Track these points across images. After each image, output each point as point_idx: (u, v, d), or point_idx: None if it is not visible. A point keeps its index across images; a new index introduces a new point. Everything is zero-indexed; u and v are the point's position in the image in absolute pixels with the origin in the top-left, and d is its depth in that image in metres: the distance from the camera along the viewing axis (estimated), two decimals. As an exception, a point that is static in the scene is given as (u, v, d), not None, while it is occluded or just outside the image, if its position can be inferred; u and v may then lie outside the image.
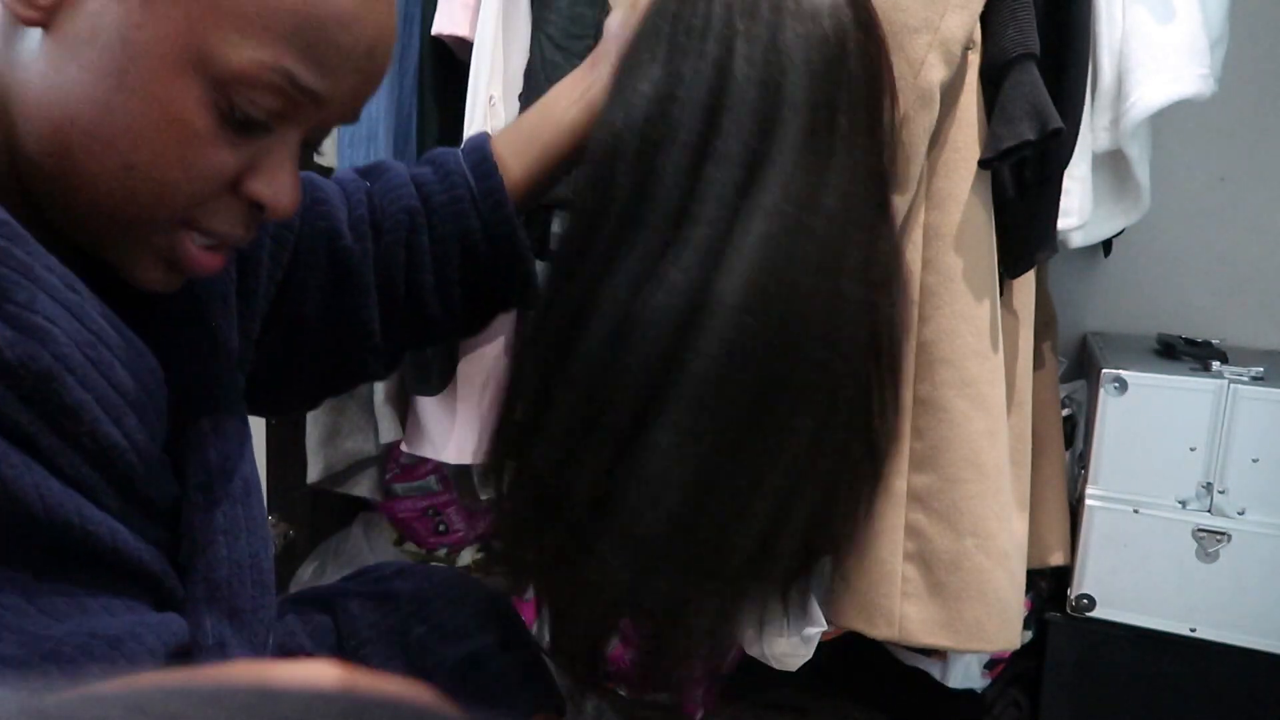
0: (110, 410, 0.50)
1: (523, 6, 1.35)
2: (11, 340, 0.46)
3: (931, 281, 1.12)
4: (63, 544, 0.49)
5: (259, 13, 0.48)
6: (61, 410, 0.48)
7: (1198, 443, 1.25)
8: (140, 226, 0.52)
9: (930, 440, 1.13)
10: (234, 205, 0.54)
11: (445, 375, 1.51)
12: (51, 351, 0.47)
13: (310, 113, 0.53)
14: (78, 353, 0.48)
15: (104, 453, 0.50)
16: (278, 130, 0.53)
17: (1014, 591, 1.15)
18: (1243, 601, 1.25)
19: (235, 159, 0.52)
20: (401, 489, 1.78)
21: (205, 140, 0.50)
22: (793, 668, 1.25)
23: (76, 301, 0.49)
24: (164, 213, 0.52)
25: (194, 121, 0.49)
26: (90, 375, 0.49)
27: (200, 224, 0.53)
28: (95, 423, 0.49)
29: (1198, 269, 1.60)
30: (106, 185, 0.50)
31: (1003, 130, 1.05)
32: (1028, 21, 1.06)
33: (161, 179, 0.50)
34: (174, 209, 0.52)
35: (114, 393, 0.50)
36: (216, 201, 0.53)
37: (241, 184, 0.53)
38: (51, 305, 0.48)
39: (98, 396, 0.49)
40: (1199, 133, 1.54)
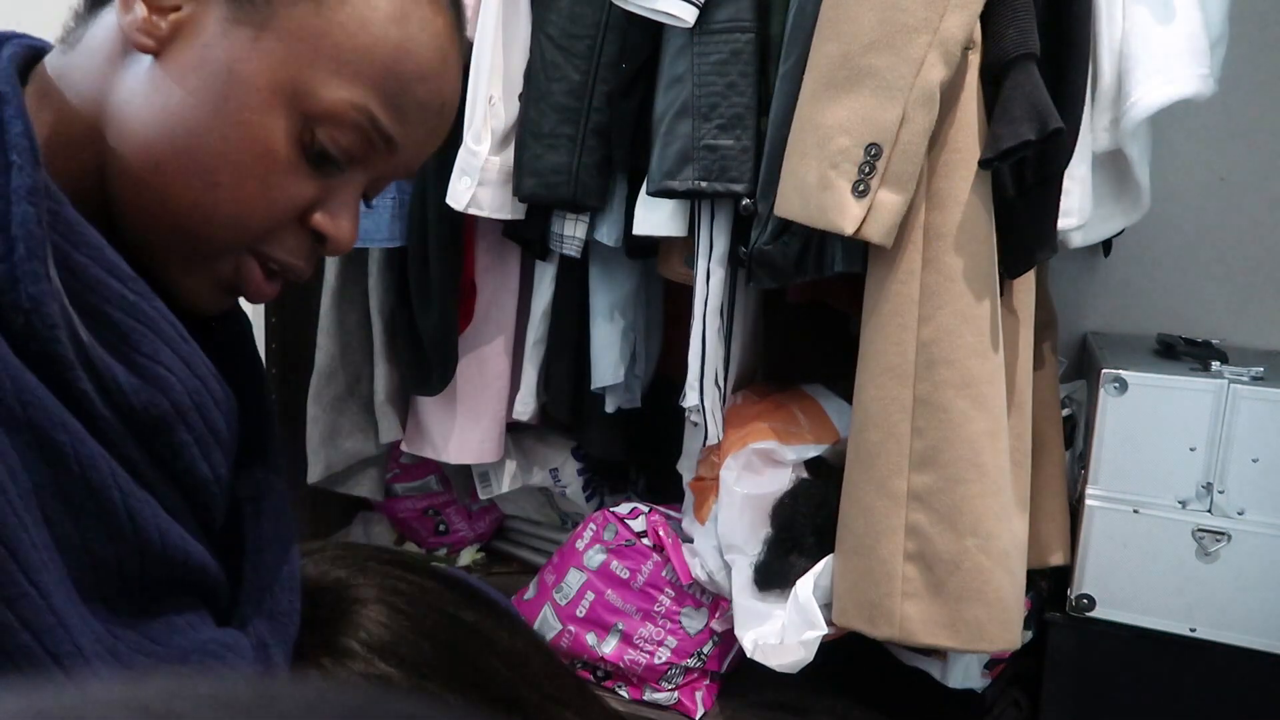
0: (205, 449, 0.54)
1: (523, 6, 1.35)
2: (137, 388, 0.50)
3: (931, 281, 1.12)
4: (168, 571, 0.52)
5: (355, 59, 0.53)
6: (168, 449, 0.52)
7: (1198, 443, 1.25)
8: (215, 247, 0.55)
9: (930, 440, 1.13)
10: (300, 236, 0.57)
11: (445, 376, 1.51)
12: (169, 398, 0.51)
13: (382, 158, 0.57)
14: (188, 399, 0.52)
15: (196, 487, 0.54)
16: (349, 172, 0.57)
17: (1014, 591, 1.15)
18: (1243, 601, 1.25)
19: (309, 192, 0.56)
20: (401, 489, 1.78)
21: (287, 169, 0.54)
22: (794, 670, 1.25)
23: (189, 351, 0.53)
24: (241, 235, 0.55)
25: (279, 150, 0.53)
26: (194, 419, 0.53)
27: (267, 250, 0.56)
28: (193, 460, 0.53)
29: (1198, 269, 1.60)
30: (190, 203, 0.53)
31: (1003, 130, 1.05)
32: (1028, 21, 1.06)
33: (243, 200, 0.53)
34: (250, 232, 0.55)
35: (209, 434, 0.54)
36: (285, 230, 0.56)
37: (309, 217, 0.57)
38: (170, 355, 0.52)
39: (197, 437, 0.53)
40: (1199, 133, 1.54)
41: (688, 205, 1.30)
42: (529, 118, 1.34)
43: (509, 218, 1.39)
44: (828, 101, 1.10)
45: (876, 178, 1.07)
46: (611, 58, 1.31)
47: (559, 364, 1.51)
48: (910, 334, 1.12)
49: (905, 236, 1.11)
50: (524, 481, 1.66)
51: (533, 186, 1.33)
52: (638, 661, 1.43)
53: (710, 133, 1.21)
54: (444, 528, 1.81)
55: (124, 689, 0.20)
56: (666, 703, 1.45)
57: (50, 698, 0.20)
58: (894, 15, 1.06)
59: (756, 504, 1.33)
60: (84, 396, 0.47)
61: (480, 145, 1.34)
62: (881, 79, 1.07)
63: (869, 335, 1.16)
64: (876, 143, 1.07)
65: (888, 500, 1.15)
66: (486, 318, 1.53)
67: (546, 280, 1.50)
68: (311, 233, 0.57)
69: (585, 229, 1.39)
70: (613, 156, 1.33)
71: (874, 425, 1.15)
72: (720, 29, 1.20)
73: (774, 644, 1.26)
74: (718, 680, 1.49)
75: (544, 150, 1.32)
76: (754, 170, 1.22)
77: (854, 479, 1.19)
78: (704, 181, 1.22)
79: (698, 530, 1.42)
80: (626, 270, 1.46)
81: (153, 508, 0.50)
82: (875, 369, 1.15)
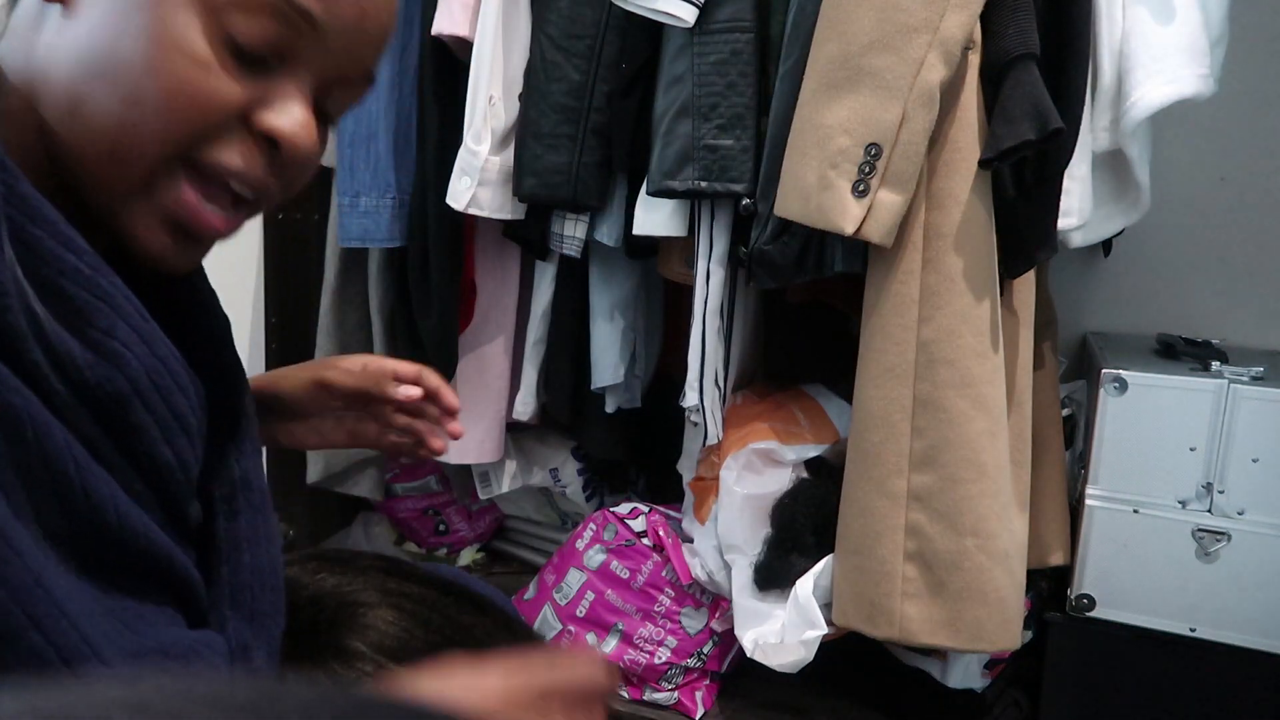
0: (166, 432, 0.53)
1: (523, 6, 1.35)
2: (92, 362, 0.49)
3: (932, 281, 1.12)
4: (127, 556, 0.51)
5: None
6: (126, 429, 0.51)
7: (1198, 443, 1.25)
8: (144, 164, 0.52)
9: (930, 440, 1.13)
10: (247, 143, 0.53)
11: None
12: (125, 375, 0.50)
13: (312, 46, 0.53)
14: (146, 378, 0.51)
15: (157, 471, 0.53)
16: (287, 68, 0.53)
17: (1014, 591, 1.15)
18: (1243, 601, 1.25)
19: (242, 91, 0.52)
20: (401, 489, 1.78)
21: (208, 68, 0.51)
22: (794, 670, 1.25)
23: (149, 330, 0.52)
24: (170, 144, 0.52)
25: (196, 50, 0.50)
26: (154, 399, 0.52)
27: (205, 158, 0.53)
28: (153, 444, 0.52)
29: (1198, 269, 1.60)
30: (116, 123, 0.51)
31: (1003, 130, 1.05)
32: (1028, 21, 1.06)
33: (166, 106, 0.51)
34: (179, 139, 0.52)
35: (171, 416, 0.53)
36: (223, 136, 0.53)
37: (252, 118, 0.53)
38: (128, 332, 0.51)
39: (158, 419, 0.52)
40: (1199, 133, 1.55)
41: (688, 205, 1.30)
42: (529, 118, 1.34)
43: (509, 218, 1.39)
44: (828, 101, 1.10)
45: (876, 178, 1.07)
46: (611, 58, 1.31)
47: (559, 364, 1.51)
48: (910, 334, 1.12)
49: (905, 236, 1.11)
50: (524, 481, 1.66)
51: (533, 186, 1.33)
52: (638, 661, 1.43)
53: (710, 133, 1.21)
54: (444, 528, 1.81)
55: (123, 689, 0.20)
56: (666, 703, 1.45)
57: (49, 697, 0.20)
58: (894, 15, 1.06)
59: (756, 504, 1.33)
60: (36, 369, 0.46)
61: (480, 145, 1.34)
62: (881, 79, 1.07)
63: (869, 335, 1.16)
64: (876, 143, 1.07)
65: (888, 500, 1.15)
66: (486, 318, 1.53)
67: (546, 280, 1.50)
68: (265, 140, 0.53)
69: (585, 229, 1.39)
70: (613, 156, 1.33)
71: (874, 425, 1.15)
72: (720, 29, 1.20)
73: (774, 644, 1.26)
74: (718, 680, 1.49)
75: (544, 150, 1.32)
76: (754, 170, 1.22)
77: (854, 479, 1.19)
78: (704, 181, 1.22)
79: (698, 530, 1.42)
80: (626, 270, 1.46)
81: (111, 487, 0.49)
82: (875, 369, 1.15)
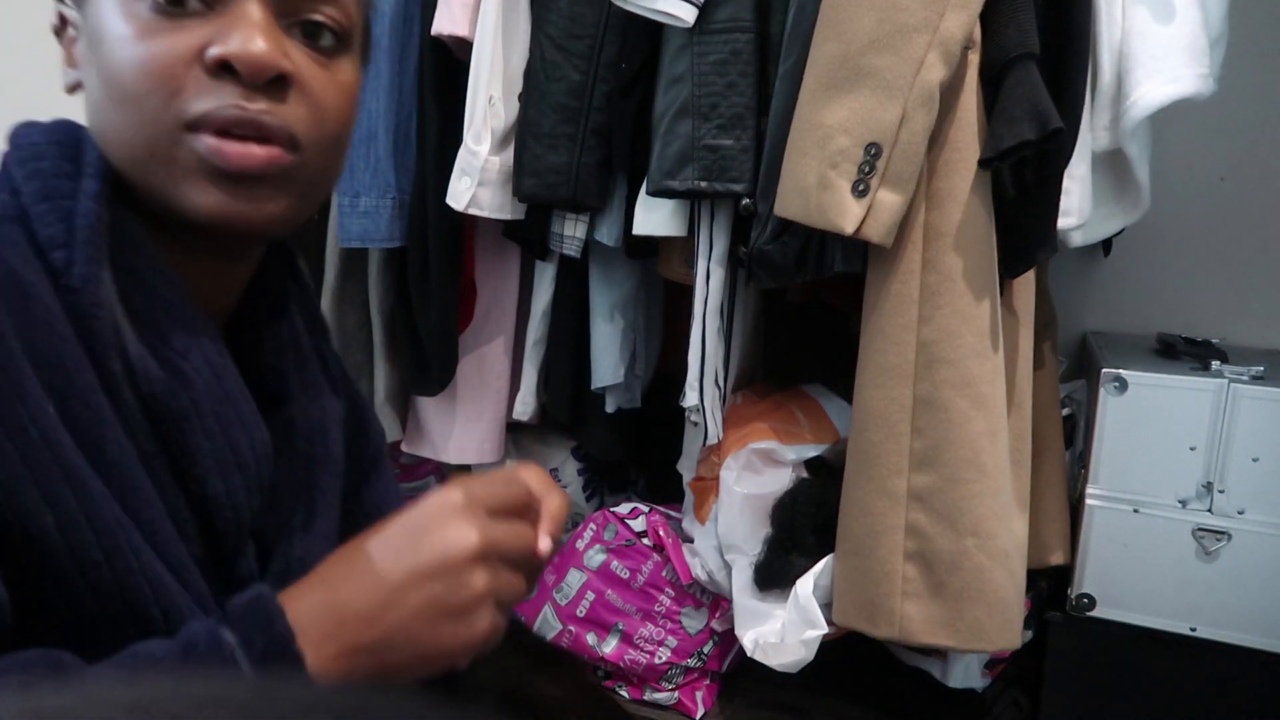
0: (220, 464, 0.56)
1: (523, 6, 1.35)
2: (161, 378, 0.53)
3: (932, 281, 1.12)
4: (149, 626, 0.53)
5: None
6: (181, 450, 0.54)
7: (1198, 442, 1.25)
8: (156, 146, 0.55)
9: (930, 440, 1.13)
10: (210, 82, 0.55)
11: (445, 376, 1.51)
12: (190, 395, 0.54)
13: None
14: (209, 404, 0.55)
15: (204, 500, 0.55)
16: (222, 3, 0.55)
17: (1014, 591, 1.15)
18: (1243, 601, 1.25)
19: (187, 39, 0.54)
20: (402, 489, 1.78)
21: (147, 34, 0.54)
22: (794, 669, 1.25)
23: (221, 364, 0.57)
24: (157, 119, 0.54)
25: (131, 27, 0.54)
26: (212, 427, 0.55)
27: (192, 115, 0.55)
28: (205, 471, 0.55)
29: (1198, 269, 1.60)
30: (119, 133, 0.56)
31: (1003, 130, 1.05)
32: (1028, 21, 1.06)
33: (134, 88, 0.54)
34: (160, 106, 0.54)
35: (228, 450, 0.56)
36: (193, 85, 0.55)
37: (203, 57, 0.55)
38: (200, 359, 0.56)
39: (213, 448, 0.55)
40: (1199, 133, 1.54)
41: (687, 205, 1.30)
42: (529, 118, 1.34)
43: (509, 218, 1.39)
44: (827, 101, 1.10)
45: (876, 177, 1.07)
46: (611, 58, 1.31)
47: (559, 364, 1.51)
48: (910, 334, 1.12)
49: (905, 236, 1.11)
50: (524, 481, 1.66)
51: (533, 186, 1.33)
52: (638, 661, 1.43)
53: (710, 133, 1.21)
54: (444, 528, 1.81)
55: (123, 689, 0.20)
56: (667, 703, 1.45)
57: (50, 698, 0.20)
58: (894, 15, 1.06)
59: (756, 504, 1.33)
60: (113, 377, 0.52)
61: (480, 145, 1.34)
62: (881, 79, 1.07)
63: (869, 335, 1.16)
64: (876, 142, 1.07)
65: (888, 500, 1.15)
66: (486, 318, 1.53)
67: (546, 280, 1.50)
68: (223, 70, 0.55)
69: (585, 229, 1.39)
70: (613, 156, 1.33)
71: (874, 425, 1.15)
72: (720, 29, 1.20)
73: (774, 643, 1.26)
74: (718, 680, 1.49)
75: (544, 150, 1.32)
76: (754, 170, 1.22)
77: (854, 479, 1.19)
78: (704, 181, 1.22)
79: (698, 530, 1.42)
80: (626, 270, 1.46)
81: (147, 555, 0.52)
82: (875, 369, 1.15)
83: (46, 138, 0.56)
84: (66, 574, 0.49)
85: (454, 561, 0.51)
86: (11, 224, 0.52)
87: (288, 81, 0.56)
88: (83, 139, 0.57)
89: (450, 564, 0.51)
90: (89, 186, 0.54)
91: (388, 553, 0.52)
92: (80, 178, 0.54)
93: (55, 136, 0.57)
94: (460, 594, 0.51)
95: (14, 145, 0.56)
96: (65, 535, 0.49)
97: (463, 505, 0.53)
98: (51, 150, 0.55)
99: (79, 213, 0.53)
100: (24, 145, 0.56)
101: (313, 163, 0.58)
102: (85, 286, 0.51)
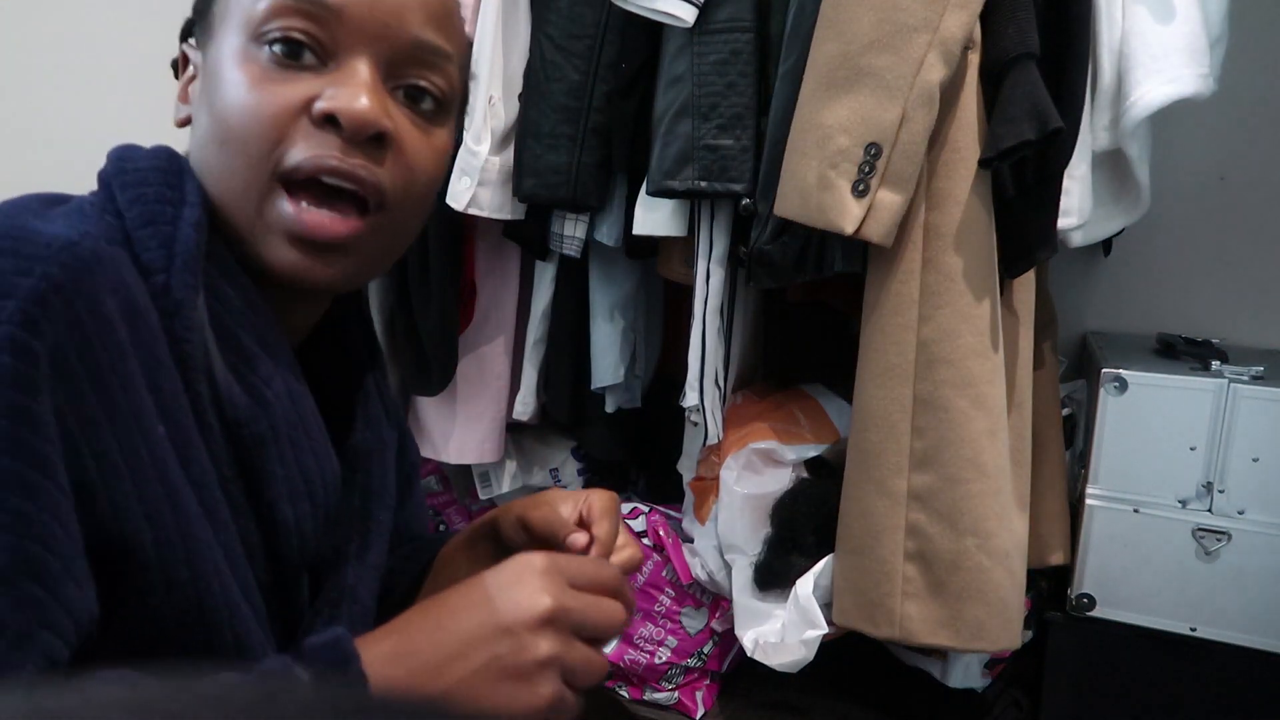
0: (291, 490, 0.57)
1: (522, 6, 1.35)
2: (245, 403, 0.55)
3: (931, 281, 1.12)
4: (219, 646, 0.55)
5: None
6: (258, 474, 0.56)
7: (1198, 442, 1.25)
8: (249, 195, 0.58)
9: (930, 439, 1.13)
10: (312, 134, 0.57)
11: (445, 376, 1.51)
12: (269, 421, 0.56)
13: (345, 31, 0.58)
14: (285, 429, 0.57)
15: (273, 525, 0.57)
16: (336, 59, 0.58)
17: (1014, 591, 1.15)
18: (1243, 601, 1.25)
19: (298, 90, 0.57)
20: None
21: (261, 82, 0.57)
22: (794, 669, 1.25)
23: (299, 391, 0.59)
24: (255, 166, 0.57)
25: (254, 72, 0.57)
26: (288, 454, 0.57)
27: (287, 165, 0.57)
28: (276, 497, 0.57)
29: (1198, 269, 1.60)
30: (218, 174, 0.58)
31: (1003, 130, 1.05)
32: (1028, 21, 1.06)
33: (241, 130, 0.57)
34: (260, 152, 0.57)
35: (300, 476, 0.58)
36: (294, 135, 0.57)
37: (310, 109, 0.57)
38: (281, 387, 0.58)
39: (286, 474, 0.57)
40: (1199, 133, 1.55)
41: (687, 205, 1.30)
42: (529, 118, 1.34)
43: (509, 218, 1.39)
44: (827, 101, 1.10)
45: (876, 177, 1.07)
46: (611, 58, 1.31)
47: (559, 364, 1.51)
48: (910, 334, 1.12)
49: (905, 236, 1.11)
50: (524, 481, 1.66)
51: (532, 186, 1.33)
52: (638, 661, 1.43)
53: (710, 133, 1.21)
54: (444, 528, 1.80)
55: (123, 689, 0.20)
56: (667, 703, 1.45)
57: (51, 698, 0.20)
58: (894, 15, 1.06)
59: (756, 504, 1.33)
60: (199, 399, 0.53)
61: (480, 145, 1.34)
62: (881, 79, 1.07)
63: (869, 335, 1.16)
64: (876, 142, 1.07)
65: (888, 500, 1.15)
66: (486, 318, 1.53)
67: (546, 280, 1.49)
68: (327, 123, 0.57)
69: (585, 229, 1.39)
70: (612, 156, 1.33)
71: (874, 425, 1.15)
72: (720, 29, 1.20)
73: (774, 643, 1.26)
74: (718, 680, 1.49)
75: (544, 150, 1.32)
76: (754, 170, 1.22)
77: (854, 479, 1.19)
78: (704, 181, 1.22)
79: (698, 530, 1.42)
80: (626, 270, 1.46)
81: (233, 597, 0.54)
82: (875, 369, 1.15)
83: (150, 163, 0.58)
84: (152, 589, 0.50)
85: (522, 622, 0.52)
86: (119, 247, 0.53)
87: (386, 141, 0.58)
88: (184, 168, 0.59)
89: (518, 624, 0.52)
90: (190, 214, 0.56)
91: (462, 608, 0.53)
92: (183, 204, 0.56)
93: (158, 163, 0.58)
94: (522, 656, 0.52)
95: (118, 169, 0.58)
96: (159, 553, 0.50)
97: (542, 570, 0.54)
98: (155, 177, 0.57)
99: (179, 239, 0.54)
100: (129, 170, 0.57)
101: (395, 222, 0.61)
102: (181, 311, 0.53)
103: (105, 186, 0.57)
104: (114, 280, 0.50)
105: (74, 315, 0.48)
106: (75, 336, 0.48)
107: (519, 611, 0.52)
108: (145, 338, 0.51)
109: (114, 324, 0.49)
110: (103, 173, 0.58)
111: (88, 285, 0.49)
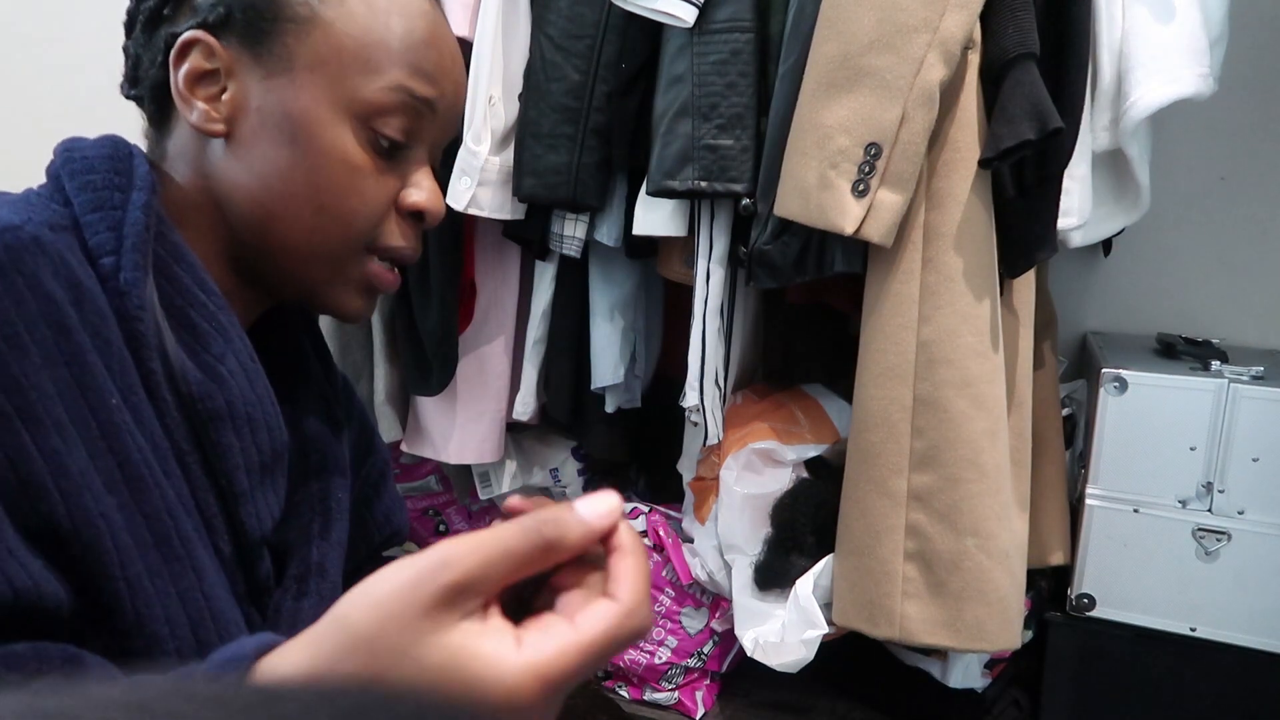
0: (247, 461, 0.60)
1: (522, 6, 1.35)
2: (199, 380, 0.58)
3: (932, 281, 1.12)
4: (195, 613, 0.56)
5: (373, 53, 0.62)
6: (215, 446, 0.58)
7: (1198, 442, 1.25)
8: (337, 258, 0.64)
9: (930, 440, 1.13)
10: (402, 222, 0.65)
11: (445, 376, 1.51)
12: (225, 397, 0.58)
13: (430, 123, 0.65)
14: (241, 405, 0.59)
15: (235, 497, 0.59)
16: (413, 148, 0.65)
17: (1014, 591, 1.15)
18: (1243, 601, 1.25)
19: (393, 182, 0.64)
20: (401, 489, 1.78)
21: (368, 171, 0.63)
22: (794, 669, 1.25)
23: (253, 369, 0.61)
24: (353, 241, 0.63)
25: (356, 158, 0.62)
26: (244, 428, 0.59)
27: (380, 244, 0.65)
28: (234, 469, 0.59)
29: (1198, 269, 1.60)
30: (306, 230, 0.62)
31: (1003, 130, 1.05)
32: (1028, 21, 1.06)
33: (345, 211, 0.62)
34: (360, 235, 0.63)
35: (255, 449, 0.60)
36: (388, 221, 0.65)
37: (400, 201, 0.65)
38: (235, 364, 0.60)
39: (243, 446, 0.59)
40: (1199, 133, 1.54)
41: (687, 205, 1.30)
42: (529, 118, 1.34)
43: (509, 218, 1.39)
44: (827, 101, 1.10)
45: (876, 177, 1.07)
46: (611, 58, 1.31)
47: (559, 364, 1.51)
48: (910, 334, 1.12)
49: (905, 236, 1.11)
50: (524, 481, 1.66)
51: (532, 186, 1.33)
52: (638, 661, 1.43)
53: (710, 132, 1.21)
54: (444, 528, 1.81)
55: (123, 689, 0.20)
56: (667, 703, 1.45)
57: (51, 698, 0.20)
58: (894, 15, 1.06)
59: (756, 504, 1.33)
60: (152, 375, 0.55)
61: (480, 145, 1.34)
62: (881, 79, 1.07)
63: (869, 335, 1.16)
64: (876, 142, 1.07)
65: (888, 500, 1.15)
66: (486, 318, 1.53)
67: (546, 280, 1.49)
68: (409, 214, 0.65)
69: (585, 229, 1.39)
70: (612, 156, 1.33)
71: (874, 425, 1.15)
72: (720, 29, 1.20)
73: (774, 643, 1.26)
74: (718, 680, 1.49)
75: (544, 150, 1.32)
76: (754, 170, 1.22)
77: (854, 479, 1.19)
78: (704, 181, 1.22)
79: (698, 530, 1.42)
80: (626, 270, 1.46)
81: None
82: (875, 369, 1.15)
83: (97, 152, 0.60)
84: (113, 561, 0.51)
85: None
86: (66, 232, 0.56)
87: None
88: (133, 154, 0.61)
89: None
90: (138, 198, 0.58)
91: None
92: (130, 189, 0.58)
93: (105, 151, 0.60)
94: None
95: (65, 159, 0.60)
96: (118, 521, 0.51)
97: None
98: (103, 164, 0.59)
99: (128, 222, 0.57)
100: (76, 159, 0.60)
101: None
102: (131, 291, 0.55)
103: (54, 178, 0.59)
104: (56, 261, 0.52)
105: (17, 293, 0.50)
106: (19, 311, 0.50)
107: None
108: (92, 318, 0.53)
109: (58, 303, 0.51)
110: (50, 165, 0.61)
111: (29, 265, 0.51)
